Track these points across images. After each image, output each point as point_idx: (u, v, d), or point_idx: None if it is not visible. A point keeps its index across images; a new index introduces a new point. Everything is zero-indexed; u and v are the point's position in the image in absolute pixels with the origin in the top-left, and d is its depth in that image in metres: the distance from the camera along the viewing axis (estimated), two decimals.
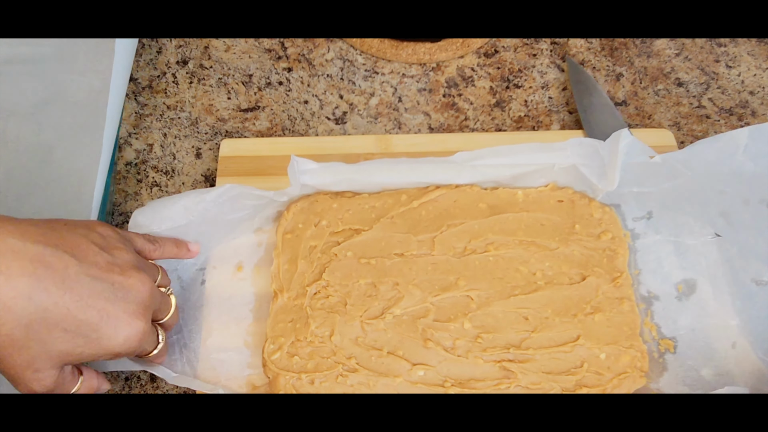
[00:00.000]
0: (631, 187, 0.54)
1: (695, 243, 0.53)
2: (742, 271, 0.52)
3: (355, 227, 0.55)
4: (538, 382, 0.49)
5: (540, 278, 0.52)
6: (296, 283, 0.53)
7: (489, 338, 0.50)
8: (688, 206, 0.54)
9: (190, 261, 0.54)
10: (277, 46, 0.68)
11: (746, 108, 0.63)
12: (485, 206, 0.55)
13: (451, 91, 0.65)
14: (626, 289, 0.52)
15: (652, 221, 0.55)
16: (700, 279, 0.52)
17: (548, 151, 0.53)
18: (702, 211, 0.53)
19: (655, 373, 0.50)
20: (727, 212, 0.52)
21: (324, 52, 0.67)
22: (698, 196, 0.53)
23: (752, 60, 0.65)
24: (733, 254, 0.52)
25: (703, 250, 0.53)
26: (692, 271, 0.53)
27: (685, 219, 0.54)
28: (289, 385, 0.49)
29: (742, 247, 0.52)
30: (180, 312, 0.52)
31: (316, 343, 0.51)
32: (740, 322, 0.50)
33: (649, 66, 0.65)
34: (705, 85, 0.64)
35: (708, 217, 0.53)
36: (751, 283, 0.51)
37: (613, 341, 0.50)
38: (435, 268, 0.53)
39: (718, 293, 0.52)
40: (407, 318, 0.51)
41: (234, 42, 0.68)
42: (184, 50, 0.68)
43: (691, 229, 0.54)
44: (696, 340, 0.50)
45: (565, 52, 0.66)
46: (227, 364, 0.51)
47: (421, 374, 0.49)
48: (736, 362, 0.49)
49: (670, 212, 0.55)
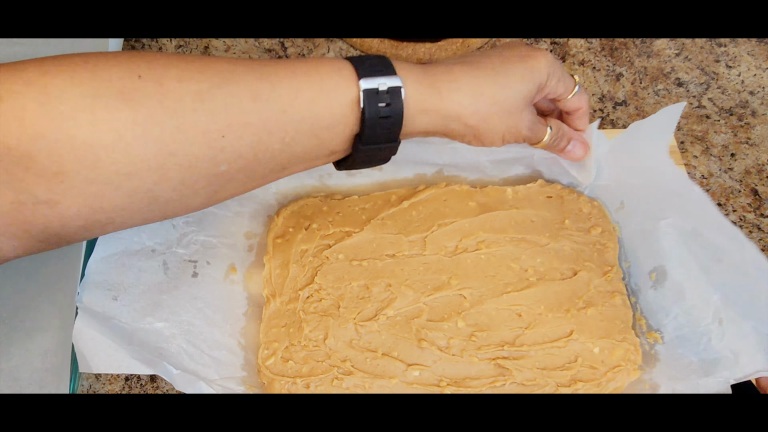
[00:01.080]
0: (606, 180, 0.55)
1: (653, 229, 0.52)
2: (698, 247, 0.49)
3: (346, 230, 0.54)
4: (533, 379, 0.49)
5: (532, 274, 0.52)
6: (288, 287, 0.52)
7: (483, 336, 0.50)
8: (652, 188, 0.52)
9: (180, 251, 0.54)
10: (277, 46, 0.67)
11: (746, 108, 0.63)
12: (475, 204, 0.55)
13: None
14: (617, 282, 0.52)
15: (625, 211, 0.55)
16: (669, 263, 0.51)
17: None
18: (659, 192, 0.51)
19: (649, 365, 0.50)
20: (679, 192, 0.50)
21: (324, 52, 0.67)
22: (648, 179, 0.52)
23: (752, 60, 0.66)
24: (689, 231, 0.50)
25: (661, 234, 0.51)
26: (658, 257, 0.51)
27: (648, 206, 0.52)
28: (284, 390, 0.48)
29: (698, 222, 0.49)
30: (172, 298, 0.51)
31: (310, 347, 0.50)
32: (721, 295, 0.48)
33: (649, 66, 0.66)
34: (705, 85, 0.65)
35: (665, 198, 0.51)
36: (714, 251, 0.49)
37: (606, 335, 0.50)
38: (427, 268, 0.53)
39: (689, 272, 0.50)
40: (401, 319, 0.51)
41: (234, 42, 0.67)
42: (184, 50, 0.67)
43: (653, 215, 0.52)
44: (680, 327, 0.50)
45: (565, 52, 0.66)
46: (223, 364, 0.50)
47: (417, 375, 0.49)
48: (726, 343, 0.47)
49: (635, 200, 0.54)
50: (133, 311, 0.49)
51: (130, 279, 0.50)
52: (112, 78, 0.34)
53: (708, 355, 0.48)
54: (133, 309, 0.50)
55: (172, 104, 0.35)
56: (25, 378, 0.49)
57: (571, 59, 0.66)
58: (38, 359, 0.50)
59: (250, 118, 0.37)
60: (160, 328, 0.50)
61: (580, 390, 0.49)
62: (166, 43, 0.68)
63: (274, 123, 0.38)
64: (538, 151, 0.55)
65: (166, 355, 0.49)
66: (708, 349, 0.48)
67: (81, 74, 0.34)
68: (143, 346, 0.48)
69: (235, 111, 0.36)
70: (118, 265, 0.50)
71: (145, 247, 0.52)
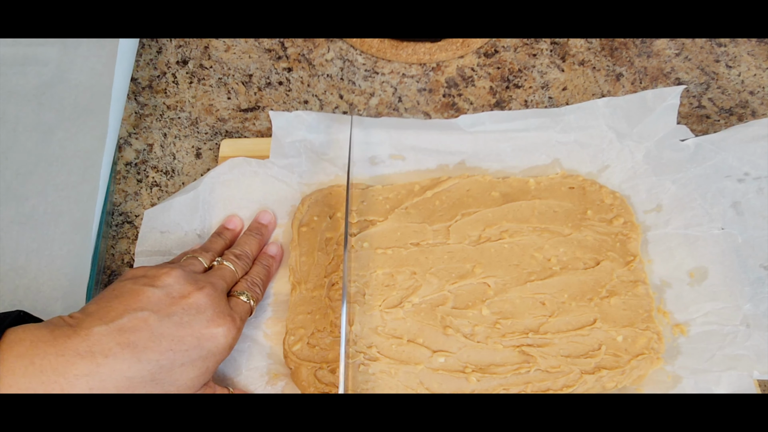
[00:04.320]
0: (649, 176, 0.56)
1: (703, 235, 0.54)
2: (750, 257, 0.52)
3: (370, 218, 0.55)
4: (557, 366, 0.49)
5: (555, 264, 0.53)
6: (314, 275, 0.52)
7: (507, 324, 0.51)
8: (699, 199, 0.54)
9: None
10: (277, 46, 0.68)
11: (746, 108, 0.64)
12: (498, 195, 0.56)
13: (451, 91, 0.65)
14: (640, 272, 0.53)
15: (662, 214, 0.56)
16: (711, 267, 0.53)
17: (544, 116, 0.57)
18: (714, 202, 0.54)
19: (671, 356, 0.51)
20: (739, 202, 0.54)
21: (324, 52, 0.67)
22: (715, 185, 0.54)
23: (752, 60, 0.67)
24: (740, 243, 0.53)
25: (711, 241, 0.54)
26: (703, 259, 0.53)
27: (693, 213, 0.54)
28: (311, 375, 0.48)
29: (750, 235, 0.53)
30: None
31: (336, 333, 0.50)
32: (752, 306, 0.51)
33: (649, 66, 0.67)
34: (705, 85, 0.66)
35: (719, 208, 0.54)
36: (760, 269, 0.52)
37: (629, 324, 0.51)
38: (451, 257, 0.53)
39: (728, 280, 0.52)
40: (426, 306, 0.51)
41: (234, 42, 0.68)
42: (184, 50, 0.67)
43: (699, 222, 0.54)
44: (709, 324, 0.51)
45: (565, 52, 0.67)
46: (247, 354, 0.50)
47: (442, 361, 0.49)
48: (751, 344, 0.50)
49: (680, 205, 0.55)
50: None
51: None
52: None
53: (731, 351, 0.50)
54: None
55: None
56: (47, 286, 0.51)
57: (571, 59, 0.67)
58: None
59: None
60: None
61: (603, 377, 0.49)
62: (166, 43, 0.69)
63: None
64: (557, 136, 0.57)
65: None
66: (733, 345, 0.50)
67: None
68: None
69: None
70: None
71: (171, 253, 0.52)
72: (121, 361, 0.38)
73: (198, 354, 0.42)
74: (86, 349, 0.38)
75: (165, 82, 0.66)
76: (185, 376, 0.41)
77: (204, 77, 0.66)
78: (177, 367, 0.41)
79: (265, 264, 0.52)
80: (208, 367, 0.43)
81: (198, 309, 0.43)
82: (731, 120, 0.63)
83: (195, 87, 0.65)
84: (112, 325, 0.39)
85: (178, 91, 0.65)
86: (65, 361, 0.37)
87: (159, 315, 0.41)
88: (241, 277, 0.49)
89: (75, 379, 0.37)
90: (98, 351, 0.38)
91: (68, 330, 0.38)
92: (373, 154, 0.57)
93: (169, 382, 0.40)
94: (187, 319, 0.42)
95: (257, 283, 0.50)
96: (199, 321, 0.42)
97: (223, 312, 0.44)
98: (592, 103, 0.57)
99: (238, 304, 0.47)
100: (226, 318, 0.44)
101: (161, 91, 0.65)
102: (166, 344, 0.40)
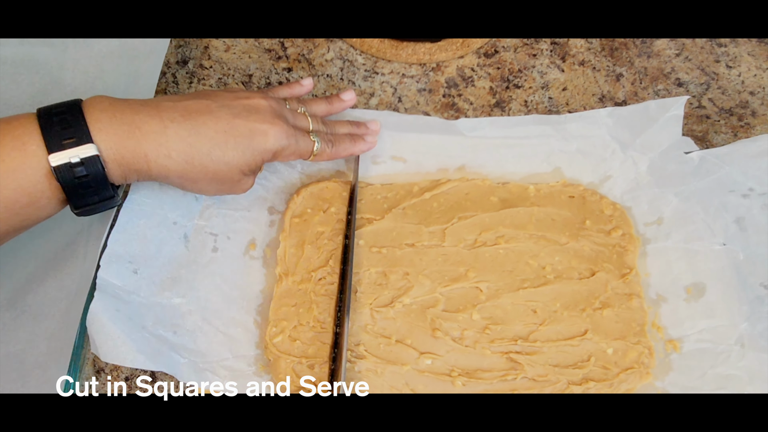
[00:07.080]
0: (651, 188, 0.55)
1: (704, 250, 0.53)
2: (751, 275, 0.51)
3: (367, 216, 0.55)
4: (544, 374, 0.49)
5: (549, 272, 0.53)
6: (302, 267, 0.53)
7: (497, 330, 0.50)
8: (701, 213, 0.54)
9: (201, 222, 0.54)
10: (277, 46, 0.68)
11: (746, 108, 0.63)
12: (497, 200, 0.55)
13: (451, 92, 0.65)
14: (635, 285, 0.52)
15: (663, 227, 0.55)
16: (710, 283, 0.52)
17: (545, 123, 0.56)
18: (716, 216, 0.53)
19: (661, 372, 0.50)
20: (743, 217, 0.53)
21: (324, 52, 0.67)
22: (719, 200, 0.53)
23: (752, 60, 0.66)
24: (741, 260, 0.52)
25: (712, 256, 0.53)
26: (701, 275, 0.53)
27: (695, 227, 0.54)
28: (289, 368, 0.49)
29: (752, 252, 0.52)
30: (191, 273, 0.52)
31: (318, 329, 0.50)
32: (749, 325, 0.50)
33: (649, 66, 0.66)
34: (705, 85, 0.65)
35: (722, 223, 0.53)
36: (760, 287, 0.51)
37: (620, 336, 0.50)
38: (445, 259, 0.53)
39: (726, 297, 0.51)
40: (416, 307, 0.51)
41: (234, 42, 0.68)
42: (184, 50, 0.67)
43: (700, 236, 0.53)
44: (703, 341, 0.50)
45: (565, 52, 0.67)
46: (236, 341, 0.50)
47: (429, 363, 0.49)
48: (744, 364, 0.49)
49: (681, 219, 0.54)
50: (152, 284, 0.50)
51: (150, 251, 0.51)
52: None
53: (723, 371, 0.49)
54: (153, 282, 0.50)
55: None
56: (30, 361, 0.49)
57: (571, 59, 0.66)
58: (44, 343, 0.50)
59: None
60: (178, 304, 0.51)
61: (591, 389, 0.49)
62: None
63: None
64: (558, 144, 0.56)
65: (180, 332, 0.50)
66: (726, 364, 0.49)
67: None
68: (157, 325, 0.49)
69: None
70: (140, 237, 0.51)
71: (166, 219, 0.52)
72: (183, 128, 0.44)
73: (248, 144, 0.46)
74: (156, 114, 0.44)
75: (165, 82, 0.66)
76: (236, 159, 0.46)
77: (204, 77, 0.66)
78: (230, 149, 0.45)
79: (352, 132, 0.55)
80: (255, 160, 0.47)
81: (257, 109, 0.48)
82: (731, 120, 0.62)
83: (195, 87, 0.65)
84: (178, 104, 0.45)
85: (178, 91, 0.65)
86: (140, 119, 0.43)
87: (220, 104, 0.47)
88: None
89: (147, 134, 0.43)
90: (166, 117, 0.44)
91: (141, 100, 0.45)
92: (374, 153, 0.57)
93: (223, 161, 0.45)
94: (244, 113, 0.47)
95: (331, 139, 0.53)
96: (254, 117, 0.47)
97: (279, 116, 0.48)
98: (594, 112, 0.56)
99: (302, 133, 0.50)
100: (280, 121, 0.48)
101: (161, 91, 0.65)
102: (222, 125, 0.45)
